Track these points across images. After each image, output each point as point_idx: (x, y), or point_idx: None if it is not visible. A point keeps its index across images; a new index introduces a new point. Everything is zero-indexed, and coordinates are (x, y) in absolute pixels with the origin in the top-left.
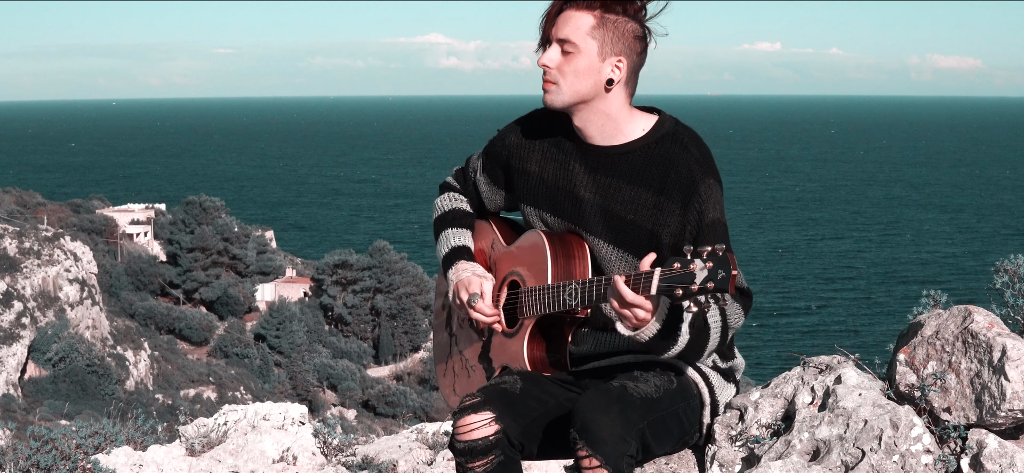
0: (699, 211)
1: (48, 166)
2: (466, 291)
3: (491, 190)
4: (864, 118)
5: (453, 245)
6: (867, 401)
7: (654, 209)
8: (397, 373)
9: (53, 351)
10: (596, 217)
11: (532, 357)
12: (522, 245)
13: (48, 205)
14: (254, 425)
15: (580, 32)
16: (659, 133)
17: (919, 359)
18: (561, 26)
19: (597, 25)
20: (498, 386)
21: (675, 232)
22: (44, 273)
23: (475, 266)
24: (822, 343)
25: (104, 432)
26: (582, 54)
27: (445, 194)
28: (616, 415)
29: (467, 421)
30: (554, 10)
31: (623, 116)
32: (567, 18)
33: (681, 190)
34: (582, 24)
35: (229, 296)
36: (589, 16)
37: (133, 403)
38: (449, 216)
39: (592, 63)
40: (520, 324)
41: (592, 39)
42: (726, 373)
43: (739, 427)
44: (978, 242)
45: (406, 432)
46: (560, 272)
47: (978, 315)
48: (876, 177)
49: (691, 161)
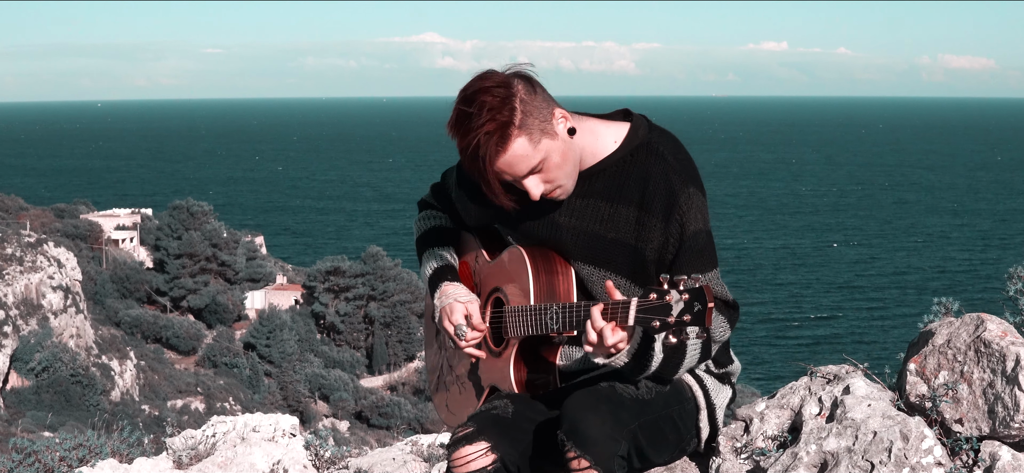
0: (681, 223)
1: (31, 169)
2: (450, 322)
3: (465, 207)
4: (874, 120)
5: (436, 266)
6: (876, 412)
7: (636, 225)
8: (391, 383)
9: (36, 360)
10: (576, 241)
11: (519, 379)
12: (505, 260)
13: (31, 210)
14: (243, 437)
15: (528, 154)
16: (633, 144)
17: (930, 369)
18: (514, 170)
19: (527, 134)
20: (490, 413)
21: (658, 247)
22: (27, 280)
23: (458, 288)
24: (830, 352)
25: (88, 444)
26: (549, 155)
27: (424, 212)
28: (605, 414)
29: (463, 453)
30: (493, 175)
31: (591, 137)
32: (509, 163)
33: (661, 203)
34: (523, 149)
35: (218, 304)
36: (516, 140)
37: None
38: (430, 235)
39: (559, 148)
40: (506, 344)
41: (538, 143)
42: (721, 377)
43: (744, 439)
44: (992, 248)
45: (400, 444)
46: (542, 290)
47: (991, 323)
48: (887, 181)
49: (669, 171)
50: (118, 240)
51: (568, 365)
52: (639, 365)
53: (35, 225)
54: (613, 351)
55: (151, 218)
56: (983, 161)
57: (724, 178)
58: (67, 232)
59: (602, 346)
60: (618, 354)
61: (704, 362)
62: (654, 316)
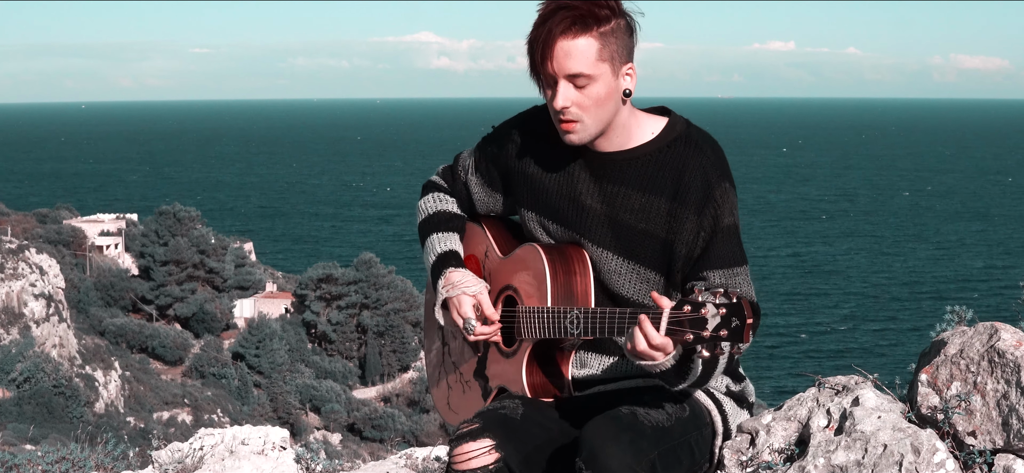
0: (714, 216)
1: (12, 173)
2: (459, 315)
3: (485, 191)
4: (886, 122)
5: (440, 251)
6: (887, 424)
7: (668, 217)
8: (385, 394)
9: (17, 371)
10: (602, 227)
11: (531, 383)
12: (519, 257)
13: (12, 215)
14: (232, 450)
15: (588, 60)
16: (671, 136)
17: (942, 379)
18: (564, 62)
19: (601, 45)
20: (498, 411)
21: (689, 240)
22: (7, 288)
23: (465, 274)
24: (839, 362)
25: (72, 458)
26: (598, 81)
27: (430, 194)
28: (626, 445)
29: (465, 449)
30: (549, 48)
31: (632, 120)
32: (567, 51)
33: (696, 196)
34: (587, 51)
35: (205, 312)
36: (589, 39)
37: (103, 426)
38: (435, 219)
39: (610, 85)
40: (518, 345)
41: (602, 61)
42: (739, 398)
43: (750, 452)
44: (1007, 254)
45: (394, 458)
46: (560, 291)
47: (1005, 333)
48: (899, 185)
49: (706, 164)
50: (102, 246)
51: (582, 373)
52: (679, 375)
53: (16, 231)
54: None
55: (136, 224)
56: (998, 165)
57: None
58: (50, 238)
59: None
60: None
61: (728, 373)
62: (688, 329)
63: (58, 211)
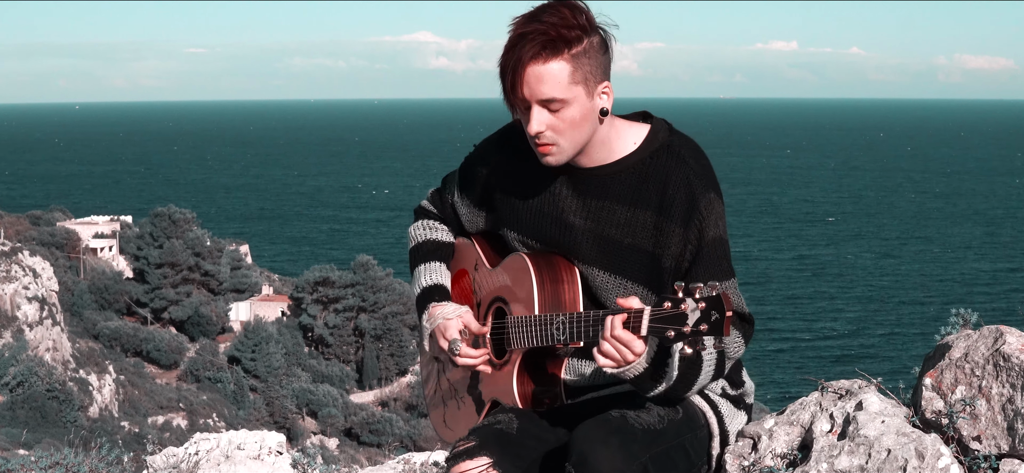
0: (700, 229)
1: (5, 175)
2: (444, 339)
3: (470, 211)
4: (890, 122)
5: (424, 285)
6: (890, 429)
7: (654, 230)
8: (382, 399)
9: (10, 375)
10: (589, 244)
11: (523, 393)
12: (507, 268)
13: (4, 217)
14: (228, 455)
15: (561, 85)
16: (653, 146)
17: (947, 383)
18: (536, 87)
19: (573, 67)
20: (493, 427)
21: (676, 254)
22: (0, 291)
23: (445, 307)
24: (842, 366)
25: (65, 463)
26: (572, 104)
27: (419, 222)
28: (616, 447)
29: (463, 468)
30: (519, 75)
31: (613, 132)
32: (539, 76)
33: (681, 208)
34: (559, 75)
35: (201, 316)
36: (561, 62)
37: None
38: (423, 249)
39: (585, 107)
40: (508, 356)
41: (575, 84)
42: (736, 400)
43: (752, 457)
44: (1013, 257)
45: (392, 463)
46: (547, 299)
47: (1011, 336)
48: (903, 186)
49: (690, 175)
50: (96, 249)
51: (575, 380)
52: (654, 379)
53: (9, 233)
54: (628, 362)
55: (131, 226)
56: (1004, 166)
57: (732, 184)
58: (43, 240)
59: (617, 357)
60: (632, 366)
61: (717, 381)
62: (668, 326)
63: (52, 213)
